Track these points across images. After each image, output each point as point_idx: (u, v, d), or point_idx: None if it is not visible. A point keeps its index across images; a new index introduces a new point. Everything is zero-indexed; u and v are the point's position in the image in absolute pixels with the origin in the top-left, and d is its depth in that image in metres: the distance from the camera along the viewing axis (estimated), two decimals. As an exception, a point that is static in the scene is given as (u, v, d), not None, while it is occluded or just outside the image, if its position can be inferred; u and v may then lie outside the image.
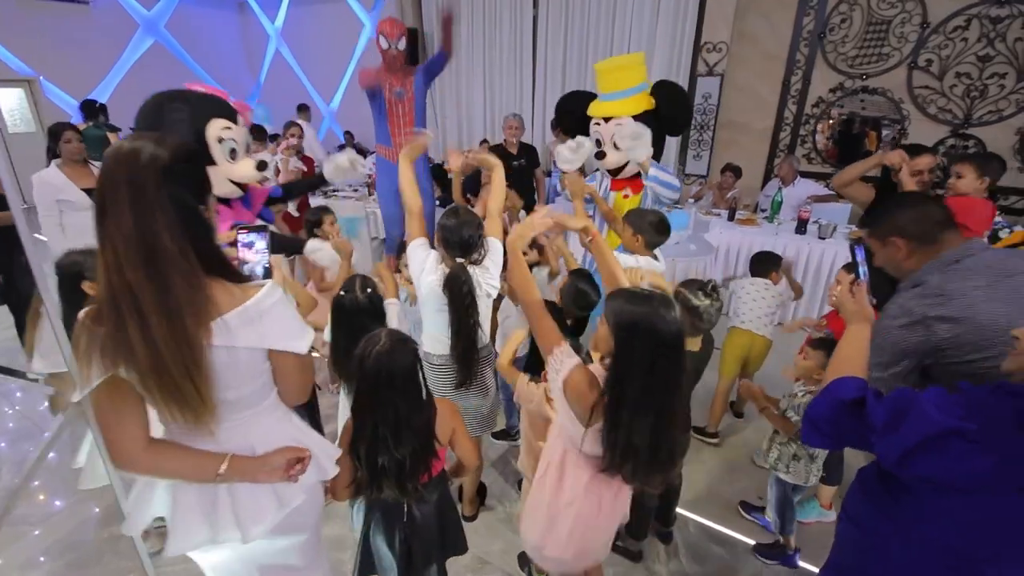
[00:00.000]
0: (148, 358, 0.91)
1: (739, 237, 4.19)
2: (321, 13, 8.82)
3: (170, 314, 0.91)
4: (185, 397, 0.95)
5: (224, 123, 1.94)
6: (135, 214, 0.88)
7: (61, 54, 7.91)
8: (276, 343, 1.04)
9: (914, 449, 0.92)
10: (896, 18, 4.71)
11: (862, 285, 1.26)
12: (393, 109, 3.52)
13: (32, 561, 2.09)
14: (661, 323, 1.13)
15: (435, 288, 1.83)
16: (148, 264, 0.89)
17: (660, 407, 1.17)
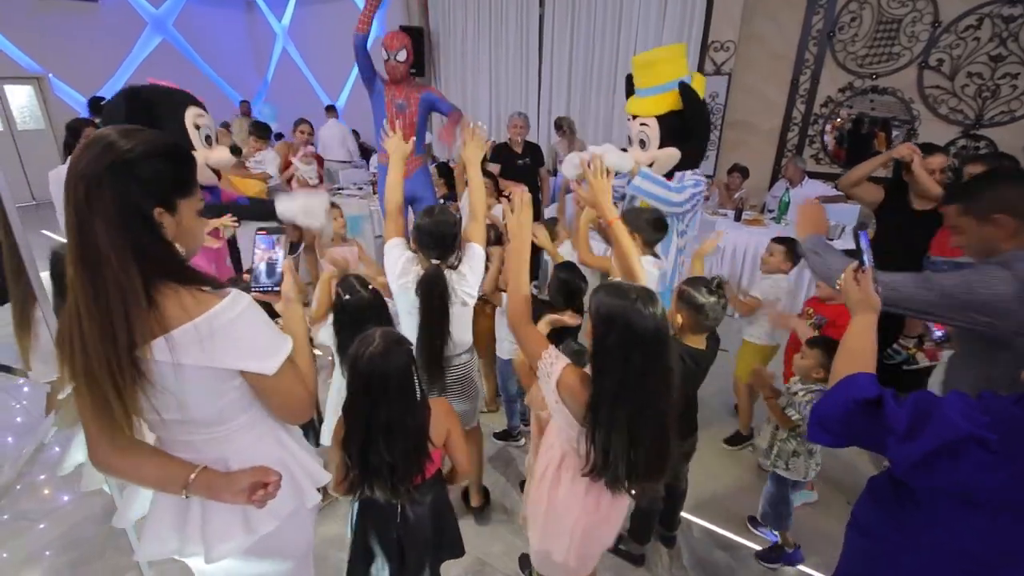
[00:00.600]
0: (81, 362, 0.86)
1: (745, 238, 4.15)
2: (327, 12, 8.84)
3: (102, 322, 0.84)
4: (112, 409, 0.87)
5: (198, 110, 1.95)
6: (77, 212, 0.83)
7: (70, 51, 7.97)
8: (233, 362, 0.93)
9: (932, 454, 0.89)
10: (907, 17, 4.66)
11: (867, 272, 1.19)
12: (393, 120, 3.54)
13: (35, 555, 2.10)
14: (637, 316, 1.12)
15: (406, 289, 1.78)
16: (84, 266, 0.84)
17: (639, 405, 1.16)
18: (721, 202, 5.00)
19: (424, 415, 1.35)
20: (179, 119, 1.91)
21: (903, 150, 2.38)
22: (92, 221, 0.82)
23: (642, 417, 1.17)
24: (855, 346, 1.12)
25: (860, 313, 1.16)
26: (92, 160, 0.83)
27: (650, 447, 1.21)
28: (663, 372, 1.17)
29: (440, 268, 1.75)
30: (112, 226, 0.83)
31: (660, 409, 1.19)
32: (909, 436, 0.92)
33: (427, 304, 1.76)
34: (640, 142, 2.52)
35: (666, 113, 2.42)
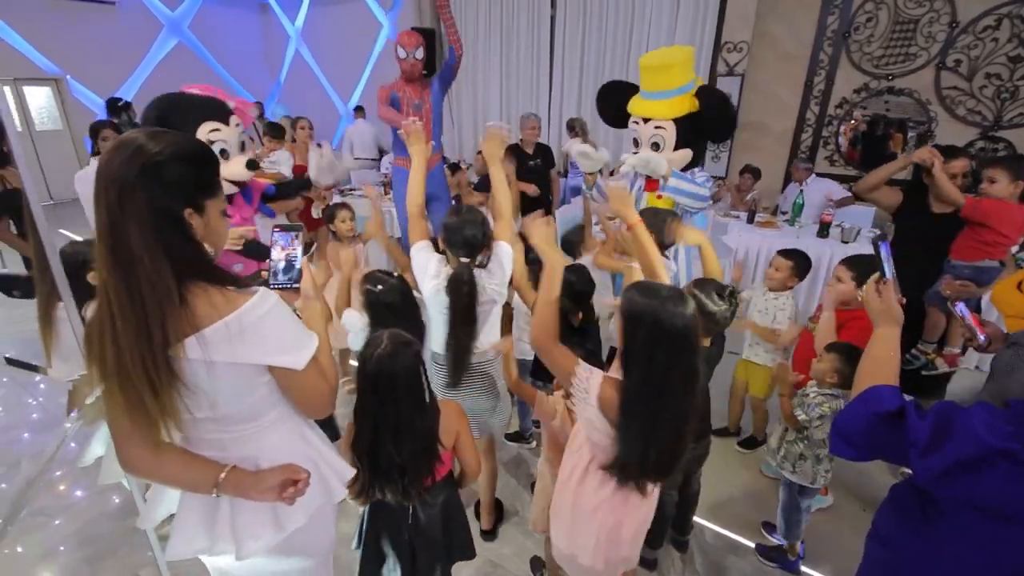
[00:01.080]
0: (114, 363, 0.87)
1: (758, 240, 4.10)
2: (340, 14, 8.89)
3: (137, 322, 0.85)
4: (147, 408, 0.89)
5: (212, 125, 2.00)
6: (109, 214, 0.84)
7: (88, 53, 8.09)
8: (262, 358, 0.95)
9: (956, 467, 0.87)
10: (924, 17, 4.60)
11: (889, 284, 1.18)
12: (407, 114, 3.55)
13: (51, 551, 2.12)
14: (665, 315, 1.12)
15: (438, 291, 1.78)
16: (118, 267, 0.85)
17: (661, 403, 1.16)
18: (733, 204, 4.96)
19: (433, 416, 1.36)
20: (188, 128, 1.94)
21: (923, 154, 2.34)
22: (125, 223, 0.84)
23: (663, 415, 1.17)
24: (878, 358, 1.11)
25: (883, 325, 1.16)
26: (123, 163, 0.84)
27: (666, 446, 1.21)
28: (688, 371, 1.17)
29: (469, 267, 1.75)
30: (145, 227, 0.84)
31: (682, 409, 1.19)
32: (930, 449, 0.90)
33: (456, 302, 1.75)
34: (654, 144, 2.52)
35: (683, 116, 2.43)
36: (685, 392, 1.18)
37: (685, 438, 1.23)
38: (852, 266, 2.10)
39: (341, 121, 9.56)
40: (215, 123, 2.01)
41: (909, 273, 1.37)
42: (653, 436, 1.19)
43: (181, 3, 9.02)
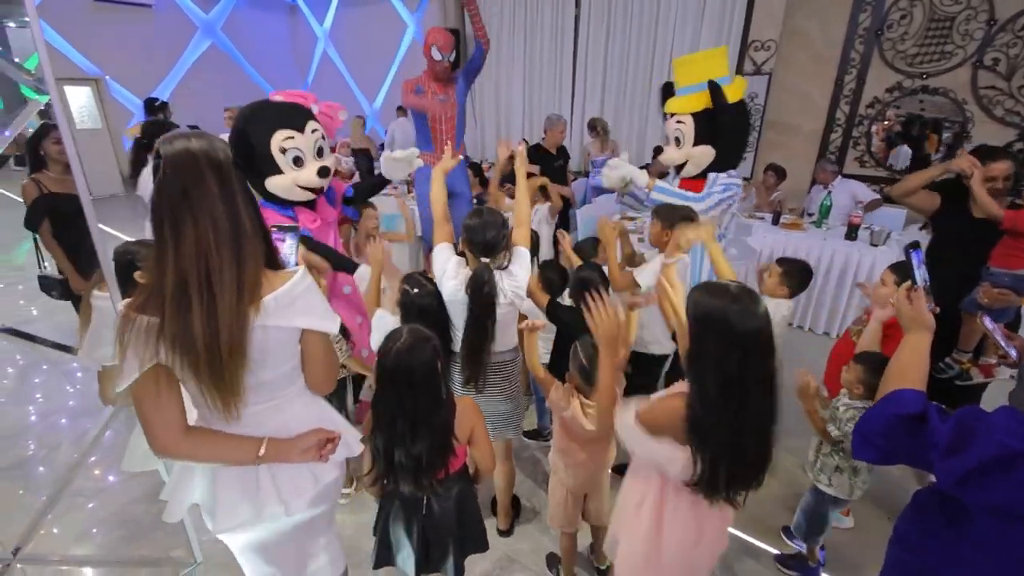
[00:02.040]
0: (206, 338, 0.96)
1: (783, 241, 4.05)
2: (366, 15, 9.03)
3: (240, 293, 0.98)
4: (225, 379, 1.00)
5: (286, 133, 2.05)
6: (224, 198, 0.97)
7: (126, 55, 8.38)
8: (306, 323, 1.11)
9: (977, 471, 0.87)
10: (960, 15, 4.46)
11: (920, 291, 1.18)
12: (436, 115, 3.57)
13: (86, 532, 2.22)
14: (736, 316, 1.07)
15: (457, 291, 1.81)
16: (235, 244, 0.98)
17: (742, 411, 1.10)
18: (759, 205, 4.89)
19: (449, 411, 1.38)
20: (266, 144, 2.03)
21: (962, 163, 2.26)
22: (239, 207, 1.00)
23: (745, 424, 1.11)
24: (905, 363, 1.11)
25: (913, 332, 1.16)
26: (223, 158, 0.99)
27: (752, 455, 1.16)
28: (766, 375, 1.11)
29: (488, 267, 1.77)
30: (248, 205, 1.02)
31: (763, 415, 1.14)
32: (952, 452, 0.90)
33: (475, 301, 1.77)
34: (675, 139, 2.52)
35: (701, 111, 2.41)
36: (765, 396, 1.12)
37: (770, 444, 1.17)
38: (897, 271, 2.03)
39: (367, 121, 9.69)
40: (289, 131, 2.06)
41: (946, 279, 1.35)
42: (741, 445, 1.12)
43: (214, 6, 9.28)
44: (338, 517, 2.25)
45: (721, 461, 1.13)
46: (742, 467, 1.16)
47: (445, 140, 3.63)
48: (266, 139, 2.03)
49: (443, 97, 3.56)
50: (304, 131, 2.11)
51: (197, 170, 0.96)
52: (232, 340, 0.98)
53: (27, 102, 1.14)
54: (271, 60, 10.15)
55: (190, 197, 0.95)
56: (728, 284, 1.16)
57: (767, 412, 1.14)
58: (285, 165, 2.09)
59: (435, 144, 3.68)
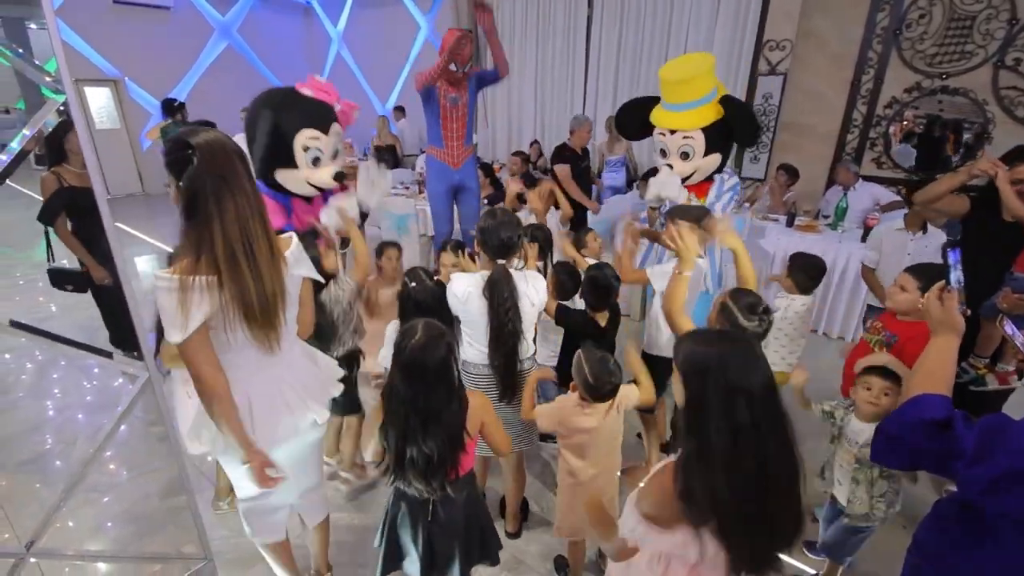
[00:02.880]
0: (258, 291, 1.22)
1: (797, 244, 3.98)
2: (380, 16, 9.09)
3: (272, 253, 1.26)
4: (274, 319, 1.28)
5: (312, 133, 2.10)
6: (250, 181, 1.22)
7: (144, 56, 8.51)
8: (308, 272, 1.44)
9: (1002, 479, 0.85)
10: (981, 14, 4.37)
11: (953, 293, 1.13)
12: (447, 114, 3.60)
13: (100, 527, 2.25)
14: (736, 364, 0.97)
15: (468, 297, 1.78)
16: (262, 220, 1.24)
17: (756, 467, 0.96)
18: (773, 206, 4.84)
19: (462, 408, 1.39)
20: (290, 137, 2.08)
21: (984, 165, 2.21)
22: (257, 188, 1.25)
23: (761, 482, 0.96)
24: (932, 367, 1.08)
25: (941, 334, 1.12)
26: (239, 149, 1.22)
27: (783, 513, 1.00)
28: (779, 427, 0.98)
29: (505, 268, 1.75)
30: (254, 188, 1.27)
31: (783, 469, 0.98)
32: (976, 460, 0.88)
33: (495, 303, 1.73)
34: (683, 154, 2.55)
35: (711, 124, 2.46)
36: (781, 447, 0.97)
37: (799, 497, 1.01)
38: (918, 275, 1.92)
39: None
40: (315, 131, 2.12)
41: (975, 280, 1.31)
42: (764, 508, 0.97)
43: (231, 8, 9.40)
44: (345, 516, 2.28)
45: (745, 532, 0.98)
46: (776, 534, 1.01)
47: (456, 137, 3.68)
48: (292, 133, 2.06)
49: (455, 96, 3.58)
50: (328, 132, 2.17)
51: (228, 156, 1.17)
52: (276, 287, 1.26)
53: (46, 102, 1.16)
54: (286, 61, 10.25)
55: (227, 178, 1.16)
56: (720, 331, 1.12)
57: (789, 462, 0.99)
58: (303, 162, 2.12)
59: (445, 141, 3.70)
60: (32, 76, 1.05)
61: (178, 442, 1.46)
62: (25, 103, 11.90)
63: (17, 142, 0.96)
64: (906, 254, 2.91)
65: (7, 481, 2.46)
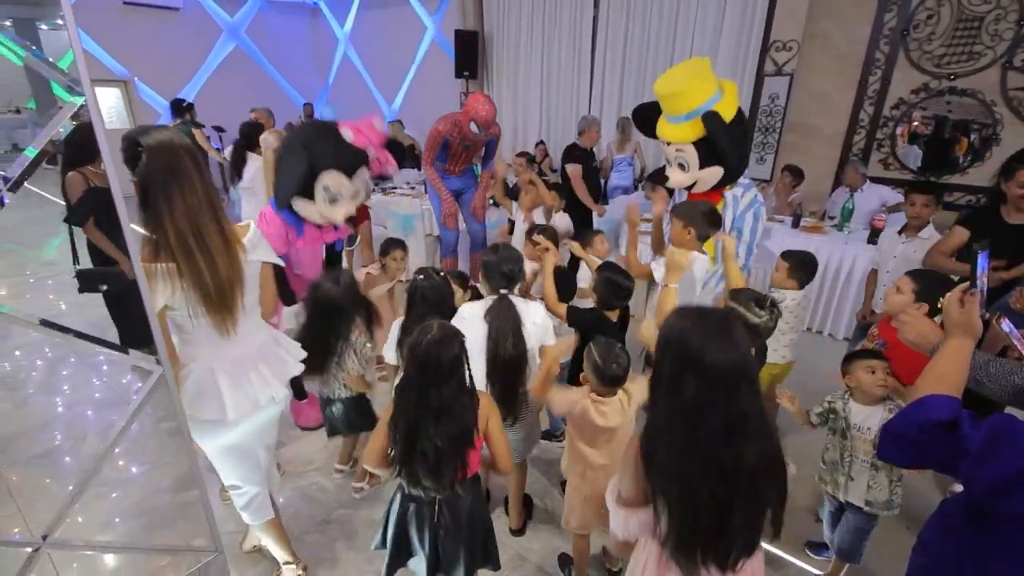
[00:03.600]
0: (213, 278, 1.34)
1: (803, 245, 3.97)
2: (386, 17, 9.12)
3: (224, 239, 1.38)
4: (231, 304, 1.41)
5: (337, 177, 2.21)
6: (200, 178, 1.34)
7: (153, 57, 8.59)
8: (266, 257, 1.58)
9: (1008, 481, 0.85)
10: (990, 14, 4.35)
11: (976, 296, 1.11)
12: (456, 151, 3.85)
13: (109, 522, 2.28)
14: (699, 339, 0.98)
15: (479, 317, 1.86)
16: (213, 210, 1.36)
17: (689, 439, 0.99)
18: (779, 207, 4.83)
19: (472, 406, 1.42)
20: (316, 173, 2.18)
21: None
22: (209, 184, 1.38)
23: (700, 469, 0.99)
24: (944, 369, 1.07)
25: (957, 337, 1.10)
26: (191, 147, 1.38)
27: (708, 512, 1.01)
28: (734, 416, 0.98)
29: (507, 296, 1.86)
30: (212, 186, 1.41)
31: (730, 463, 0.99)
32: (982, 460, 0.88)
33: (494, 329, 1.82)
34: (679, 165, 2.55)
35: (701, 138, 2.41)
36: (728, 443, 0.98)
37: (732, 509, 1.01)
38: (916, 278, 1.93)
39: (385, 122, 9.81)
40: (341, 175, 2.21)
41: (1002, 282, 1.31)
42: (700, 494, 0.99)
43: (239, 9, 9.46)
44: (350, 512, 2.31)
45: (679, 511, 1.01)
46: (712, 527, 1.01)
47: (461, 163, 3.98)
48: (318, 169, 2.16)
49: (469, 144, 3.81)
50: (353, 178, 2.27)
51: (176, 154, 1.30)
52: (231, 274, 1.39)
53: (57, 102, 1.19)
54: (293, 62, 10.32)
55: (176, 175, 1.29)
56: (706, 308, 1.09)
57: (734, 466, 0.98)
58: (320, 198, 2.23)
59: (449, 160, 3.95)
60: (52, 78, 1.07)
61: (189, 437, 1.48)
62: (36, 103, 12.03)
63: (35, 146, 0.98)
64: (892, 256, 2.90)
65: (18, 476, 2.49)
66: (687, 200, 2.53)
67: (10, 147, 12.36)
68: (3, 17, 9.65)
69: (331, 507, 2.34)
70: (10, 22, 9.81)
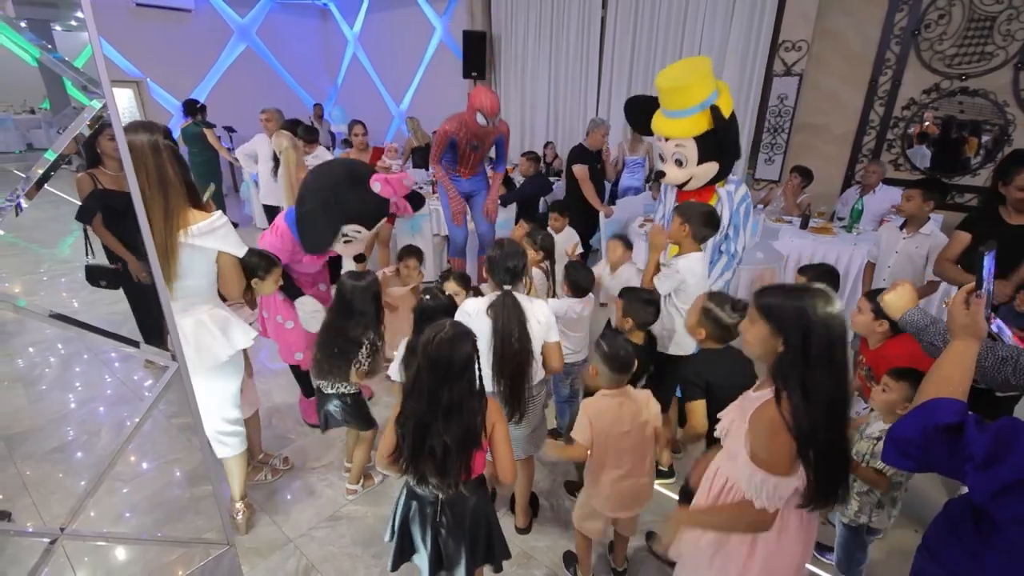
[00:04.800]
0: (159, 245, 1.55)
1: (811, 246, 3.97)
2: (395, 18, 9.17)
3: (167, 217, 1.61)
4: (166, 272, 1.61)
5: (355, 227, 2.36)
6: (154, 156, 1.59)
7: (166, 58, 8.68)
8: (219, 246, 1.75)
9: (1013, 485, 0.85)
10: (1002, 14, 4.31)
11: (981, 298, 1.11)
12: (465, 152, 3.83)
13: (120, 516, 2.31)
14: (830, 318, 1.11)
15: (479, 313, 1.86)
16: (161, 186, 1.59)
17: (841, 413, 1.14)
18: (787, 208, 4.81)
19: (481, 408, 1.43)
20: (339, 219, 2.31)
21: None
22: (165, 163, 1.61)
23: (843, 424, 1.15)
24: (948, 371, 1.06)
25: (962, 339, 1.10)
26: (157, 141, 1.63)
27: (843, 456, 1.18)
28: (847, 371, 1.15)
29: (511, 292, 1.86)
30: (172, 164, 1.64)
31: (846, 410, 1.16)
32: (987, 465, 0.88)
33: (499, 324, 1.81)
34: (677, 161, 2.56)
35: (703, 133, 2.45)
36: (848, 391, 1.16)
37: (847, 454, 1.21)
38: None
39: (393, 122, 9.85)
40: (361, 227, 2.36)
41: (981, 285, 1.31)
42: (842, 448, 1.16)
43: (250, 10, 9.54)
44: (358, 508, 2.33)
45: (828, 464, 1.13)
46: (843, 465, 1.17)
47: (471, 165, 3.96)
48: (342, 215, 2.28)
49: (476, 144, 3.78)
50: (372, 228, 2.41)
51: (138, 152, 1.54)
52: (166, 246, 1.61)
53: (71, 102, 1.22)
54: (303, 63, 10.39)
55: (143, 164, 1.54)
56: (796, 285, 1.22)
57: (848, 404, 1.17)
58: (336, 239, 2.37)
59: (459, 163, 3.94)
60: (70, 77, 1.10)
61: (203, 431, 1.51)
62: (50, 103, 12.20)
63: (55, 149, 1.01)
64: (893, 252, 2.88)
65: (33, 470, 2.54)
66: (690, 201, 2.53)
67: (25, 147, 12.56)
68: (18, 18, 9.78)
69: (339, 503, 2.37)
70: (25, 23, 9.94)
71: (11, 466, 2.55)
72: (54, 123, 11.76)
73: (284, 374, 3.16)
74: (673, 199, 2.78)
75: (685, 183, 2.62)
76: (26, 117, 12.96)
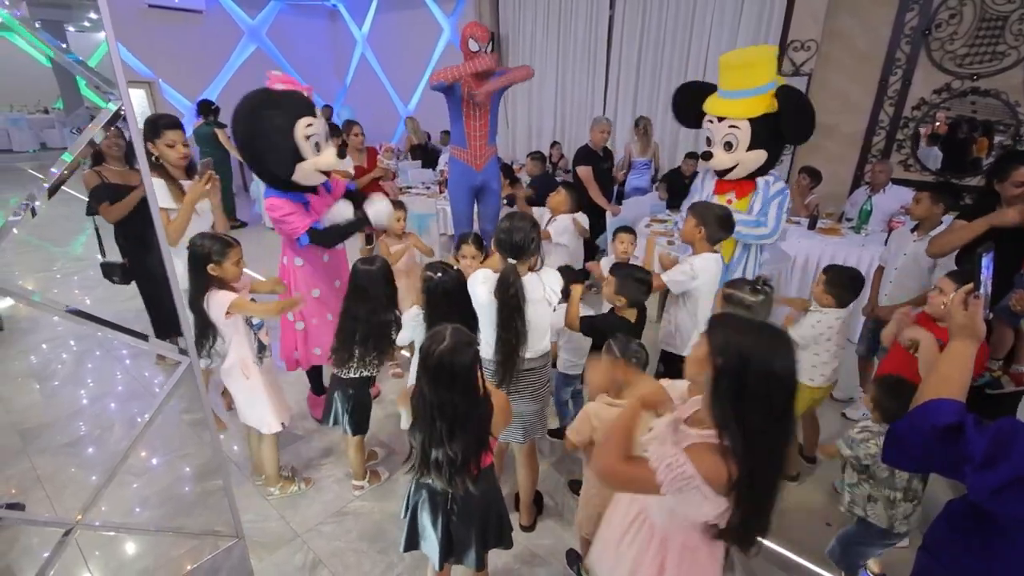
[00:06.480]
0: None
1: (819, 247, 3.95)
2: (404, 19, 9.21)
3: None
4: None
5: (307, 120, 2.16)
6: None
7: (177, 58, 8.76)
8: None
9: (1011, 484, 0.85)
10: (1013, 14, 4.27)
11: (980, 300, 1.12)
12: (470, 113, 3.61)
13: (130, 511, 2.35)
14: (776, 357, 1.00)
15: (489, 294, 1.86)
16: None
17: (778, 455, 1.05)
18: (796, 209, 4.79)
19: (487, 411, 1.43)
20: (290, 132, 2.14)
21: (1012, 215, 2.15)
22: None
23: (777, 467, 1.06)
24: (947, 372, 1.06)
25: (960, 339, 1.10)
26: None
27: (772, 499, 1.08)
28: (791, 418, 1.07)
29: (515, 267, 1.83)
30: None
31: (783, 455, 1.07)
32: (986, 465, 0.89)
33: (503, 301, 1.82)
34: (727, 144, 2.48)
35: (760, 116, 2.38)
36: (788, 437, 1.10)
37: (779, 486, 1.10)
38: (958, 279, 1.90)
39: (400, 122, 9.90)
40: (309, 118, 2.19)
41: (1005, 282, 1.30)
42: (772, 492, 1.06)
43: (260, 11, 9.62)
44: (364, 504, 2.35)
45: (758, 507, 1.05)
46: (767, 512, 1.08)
47: (479, 136, 3.69)
48: (290, 127, 2.13)
49: (475, 94, 3.58)
50: (317, 115, 2.25)
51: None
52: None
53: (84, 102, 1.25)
54: (312, 63, 10.45)
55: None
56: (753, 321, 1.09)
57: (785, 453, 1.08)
58: (309, 151, 2.20)
59: (468, 140, 3.72)
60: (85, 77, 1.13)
61: (214, 426, 1.54)
62: (64, 103, 12.35)
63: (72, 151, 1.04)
64: (902, 254, 2.86)
65: (46, 464, 2.58)
66: (705, 201, 2.52)
67: (39, 146, 12.72)
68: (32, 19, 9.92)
69: (347, 499, 2.39)
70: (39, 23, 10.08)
71: (25, 460, 2.60)
72: (67, 123, 11.91)
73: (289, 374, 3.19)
74: (712, 188, 2.68)
75: (728, 171, 2.54)
76: (40, 117, 13.12)
